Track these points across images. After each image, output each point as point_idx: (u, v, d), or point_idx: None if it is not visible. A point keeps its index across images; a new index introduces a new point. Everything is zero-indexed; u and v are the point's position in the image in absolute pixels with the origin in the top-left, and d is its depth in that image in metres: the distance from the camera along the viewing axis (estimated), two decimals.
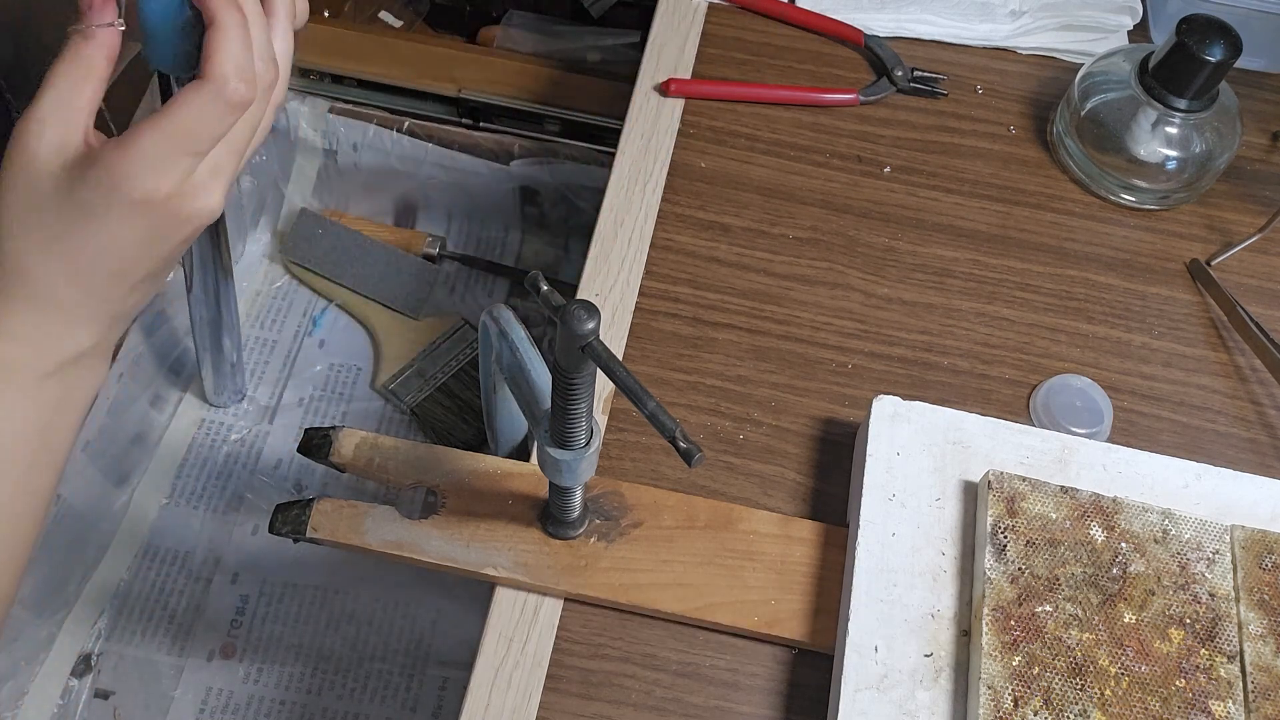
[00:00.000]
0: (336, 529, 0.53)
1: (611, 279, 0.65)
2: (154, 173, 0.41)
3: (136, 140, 0.41)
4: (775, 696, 0.52)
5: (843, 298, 0.65)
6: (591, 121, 1.09)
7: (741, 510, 0.55)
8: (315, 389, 1.08)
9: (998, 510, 0.50)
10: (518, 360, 0.52)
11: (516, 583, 0.53)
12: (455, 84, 1.09)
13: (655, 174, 0.69)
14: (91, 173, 0.41)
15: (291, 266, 1.15)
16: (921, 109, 0.75)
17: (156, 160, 0.41)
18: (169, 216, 0.43)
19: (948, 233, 0.69)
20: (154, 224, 0.43)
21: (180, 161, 0.42)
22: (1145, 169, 0.69)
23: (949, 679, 0.48)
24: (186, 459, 1.02)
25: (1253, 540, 0.50)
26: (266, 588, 0.96)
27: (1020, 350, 0.64)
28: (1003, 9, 0.79)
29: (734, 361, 0.62)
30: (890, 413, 0.55)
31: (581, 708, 0.51)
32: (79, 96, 0.42)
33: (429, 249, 1.16)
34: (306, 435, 0.56)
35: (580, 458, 0.45)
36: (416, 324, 1.12)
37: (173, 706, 0.90)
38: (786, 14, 0.79)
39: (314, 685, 0.92)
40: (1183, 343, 0.65)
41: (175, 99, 0.42)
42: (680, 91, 0.73)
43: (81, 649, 0.91)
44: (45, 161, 0.42)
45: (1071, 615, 0.48)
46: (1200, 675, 0.47)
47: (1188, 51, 0.64)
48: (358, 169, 1.15)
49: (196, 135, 0.42)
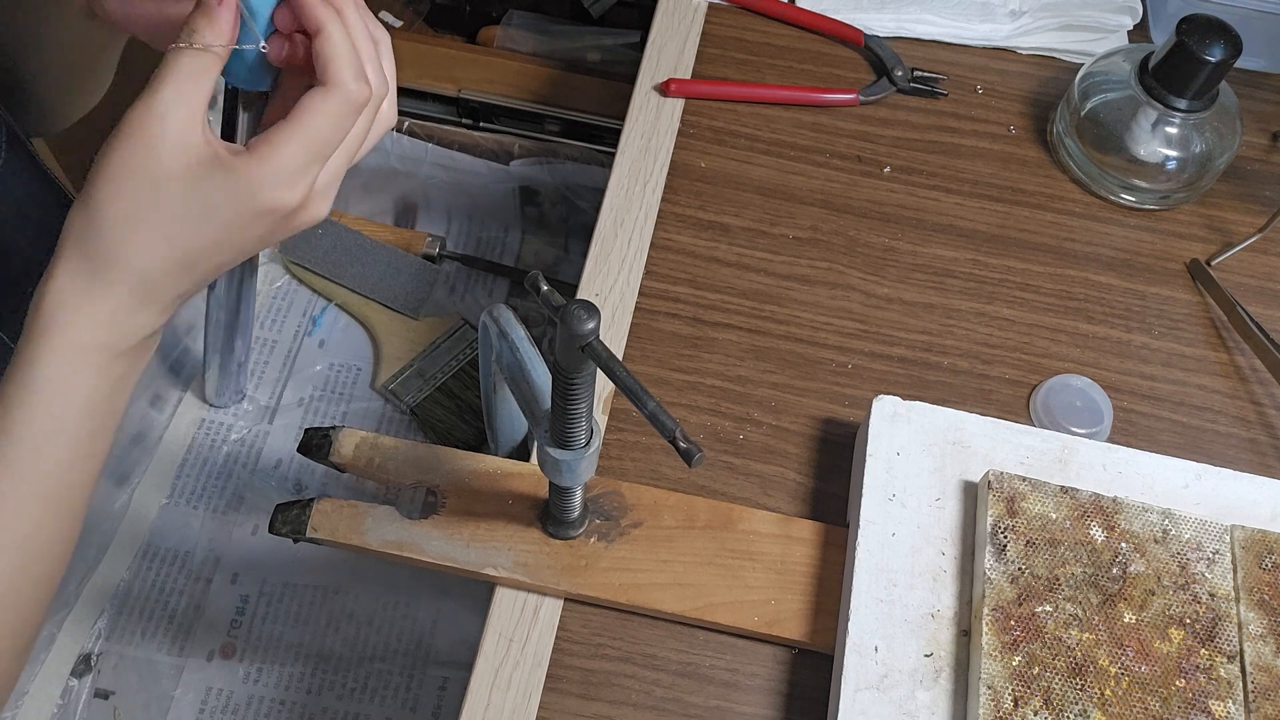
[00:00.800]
0: (336, 529, 0.53)
1: (611, 279, 0.65)
2: (289, 185, 0.43)
3: (275, 153, 0.42)
4: (775, 696, 0.52)
5: (843, 298, 0.65)
6: (591, 121, 1.09)
7: (741, 510, 0.55)
8: (315, 389, 1.08)
9: (998, 510, 0.50)
10: (518, 360, 0.52)
11: (516, 583, 0.53)
12: (455, 84, 1.09)
13: (655, 174, 0.69)
14: (226, 179, 0.42)
15: (291, 266, 1.15)
16: (921, 109, 0.75)
17: (294, 173, 0.42)
18: (288, 224, 0.44)
19: (948, 233, 0.69)
20: (272, 230, 0.44)
21: (312, 171, 0.43)
22: (1145, 169, 0.69)
23: (949, 679, 0.48)
24: (186, 459, 1.02)
25: (1253, 540, 0.50)
26: (266, 587, 0.96)
27: (1020, 350, 0.64)
28: (1003, 9, 0.79)
29: (734, 361, 0.62)
30: (890, 413, 0.55)
31: (581, 708, 0.51)
32: (197, 94, 0.42)
33: (429, 249, 1.16)
34: (306, 435, 0.56)
35: (580, 458, 0.45)
36: (416, 324, 1.12)
37: (173, 706, 0.90)
38: (786, 14, 0.79)
39: (314, 685, 0.92)
40: (1183, 343, 0.65)
41: (304, 108, 0.42)
42: (680, 91, 0.73)
43: (81, 649, 0.91)
44: (168, 157, 0.42)
45: (1071, 615, 0.48)
46: (1200, 675, 0.47)
47: (1188, 51, 0.64)
48: (357, 169, 1.14)
49: (327, 141, 0.43)
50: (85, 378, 0.44)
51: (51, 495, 0.46)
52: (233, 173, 0.42)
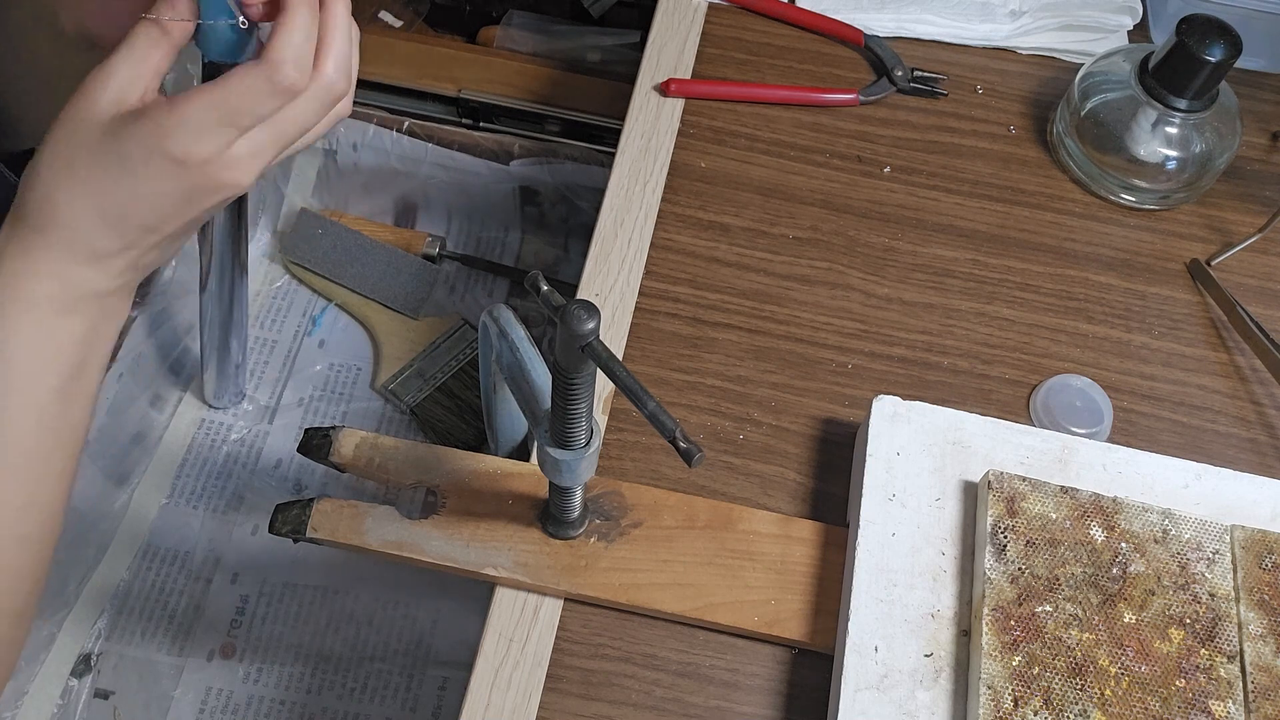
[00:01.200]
0: (336, 529, 0.53)
1: (611, 279, 0.65)
2: (194, 136, 0.43)
3: (184, 103, 0.43)
4: (775, 696, 0.52)
5: (843, 298, 0.65)
6: (591, 121, 1.09)
7: (741, 510, 0.55)
8: (315, 389, 1.08)
9: (998, 510, 0.50)
10: (518, 360, 0.52)
11: (516, 583, 0.53)
12: (455, 84, 1.09)
13: (655, 174, 0.69)
14: (137, 126, 0.43)
15: (291, 266, 1.15)
16: (921, 109, 0.75)
17: (199, 125, 0.43)
18: (201, 181, 0.45)
19: (948, 233, 0.69)
20: (185, 185, 0.45)
21: (222, 132, 0.44)
22: (1145, 169, 0.69)
23: (949, 679, 0.48)
24: (186, 459, 1.02)
25: (1253, 540, 0.50)
26: (266, 588, 0.96)
27: (1020, 350, 0.64)
28: (1003, 9, 0.79)
29: (734, 361, 0.62)
30: (890, 413, 0.55)
31: (581, 708, 0.51)
32: (148, 58, 0.44)
33: (429, 249, 1.16)
34: (307, 435, 0.56)
35: (580, 458, 0.45)
36: (416, 324, 1.12)
37: (172, 706, 0.90)
38: (786, 14, 0.79)
39: (314, 685, 0.92)
40: (1183, 343, 0.65)
41: (229, 74, 0.44)
42: (680, 91, 0.73)
43: (81, 649, 0.91)
44: (100, 111, 0.44)
45: (1071, 615, 0.48)
46: (1200, 675, 0.47)
47: (1188, 51, 0.64)
48: (357, 169, 1.15)
49: (241, 110, 0.44)
50: (32, 331, 0.45)
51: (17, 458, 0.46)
52: (143, 118, 0.43)
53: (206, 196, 0.46)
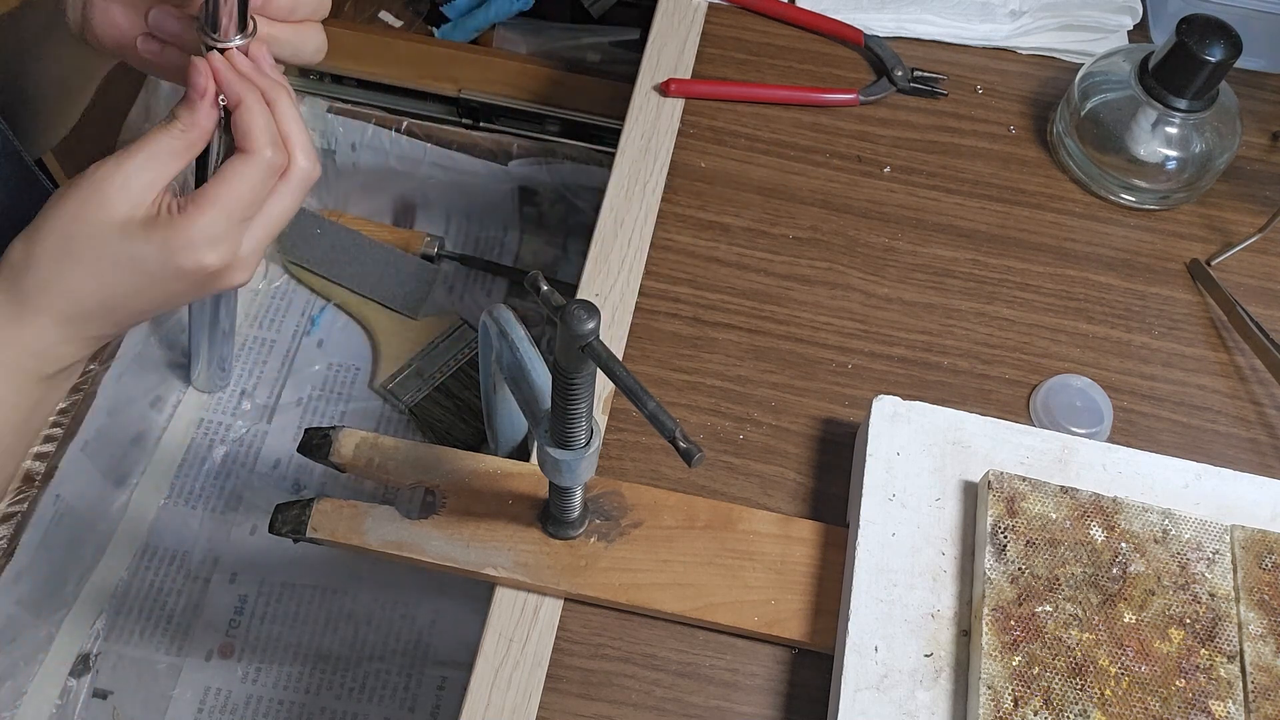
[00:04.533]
0: (336, 529, 0.53)
1: (611, 279, 0.64)
2: (209, 249, 0.46)
3: (197, 214, 0.46)
4: (775, 696, 0.52)
5: (843, 298, 0.65)
6: (591, 121, 1.09)
7: (741, 510, 0.55)
8: (314, 389, 1.07)
9: (998, 510, 0.50)
10: (518, 360, 0.52)
11: (516, 583, 0.53)
12: (455, 84, 1.09)
13: (655, 174, 0.69)
14: (153, 235, 0.46)
15: (290, 266, 1.15)
16: (921, 109, 0.75)
17: (214, 237, 0.46)
18: (211, 285, 0.48)
19: (948, 233, 0.69)
20: (195, 288, 0.48)
21: (231, 235, 0.47)
22: (1145, 169, 0.69)
23: (949, 679, 0.48)
24: (185, 459, 1.02)
25: (1253, 540, 0.50)
26: (265, 587, 0.96)
27: (1020, 350, 0.64)
28: (1003, 9, 0.79)
29: (734, 361, 0.62)
30: (890, 413, 0.55)
31: (581, 708, 0.51)
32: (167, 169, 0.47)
33: (427, 249, 1.16)
34: (306, 435, 0.56)
35: (580, 458, 0.45)
36: (415, 324, 1.12)
37: (171, 706, 0.90)
38: (786, 14, 0.79)
39: (312, 685, 0.92)
40: (1183, 343, 0.65)
41: (223, 174, 0.46)
42: (680, 91, 0.73)
43: (80, 649, 0.91)
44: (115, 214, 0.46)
45: (1071, 615, 0.48)
46: (1200, 675, 0.47)
47: (1188, 51, 0.64)
48: (356, 169, 1.15)
49: (248, 204, 0.47)
50: (9, 398, 0.48)
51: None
52: (157, 229, 0.46)
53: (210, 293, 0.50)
